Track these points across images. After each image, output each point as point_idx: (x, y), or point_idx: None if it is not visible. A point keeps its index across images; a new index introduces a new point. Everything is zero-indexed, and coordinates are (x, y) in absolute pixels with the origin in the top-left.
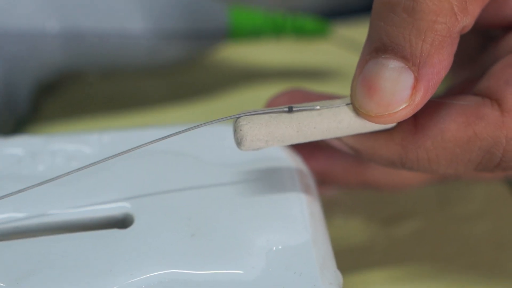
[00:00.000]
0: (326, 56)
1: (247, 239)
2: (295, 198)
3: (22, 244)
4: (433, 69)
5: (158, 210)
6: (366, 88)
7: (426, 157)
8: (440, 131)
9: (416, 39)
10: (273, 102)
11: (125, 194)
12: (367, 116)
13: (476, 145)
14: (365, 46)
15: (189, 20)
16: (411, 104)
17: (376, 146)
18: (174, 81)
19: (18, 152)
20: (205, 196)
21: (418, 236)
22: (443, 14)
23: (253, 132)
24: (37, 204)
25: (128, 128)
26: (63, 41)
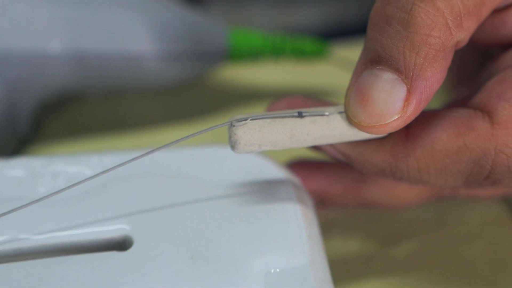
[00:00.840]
0: (325, 77)
1: (246, 262)
2: (293, 221)
3: (20, 267)
4: (426, 82)
5: (157, 233)
6: (359, 98)
7: (416, 166)
8: (430, 140)
9: (410, 52)
10: (273, 107)
11: (124, 216)
12: (359, 126)
13: (466, 156)
14: (361, 56)
15: (190, 42)
16: (403, 116)
17: (367, 153)
18: (174, 102)
19: (19, 173)
20: (204, 218)
21: (416, 256)
22: (437, 28)
23: (247, 137)
24: (35, 225)
25: (128, 150)
26: (66, 62)
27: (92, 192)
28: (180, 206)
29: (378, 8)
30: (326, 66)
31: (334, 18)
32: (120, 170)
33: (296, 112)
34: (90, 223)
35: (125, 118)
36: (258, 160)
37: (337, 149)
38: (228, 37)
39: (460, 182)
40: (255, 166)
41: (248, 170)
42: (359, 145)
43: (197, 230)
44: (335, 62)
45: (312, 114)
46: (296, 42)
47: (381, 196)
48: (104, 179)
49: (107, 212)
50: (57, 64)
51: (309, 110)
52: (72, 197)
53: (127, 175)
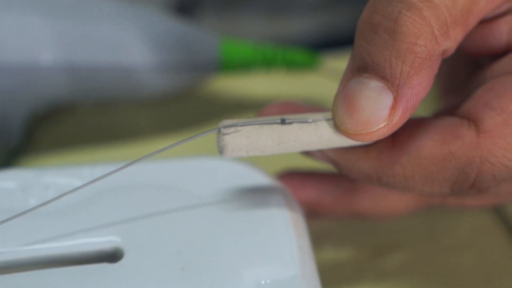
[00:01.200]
0: (316, 88)
1: (236, 273)
2: (284, 231)
3: (9, 279)
4: (412, 91)
5: (148, 244)
6: (346, 105)
7: (401, 173)
8: (416, 147)
9: (396, 60)
10: (264, 112)
11: (115, 228)
12: (346, 133)
13: (451, 164)
14: (349, 64)
15: (181, 53)
16: (389, 124)
17: (354, 159)
18: (165, 113)
19: (10, 185)
20: (194, 229)
21: (406, 267)
22: (423, 37)
23: (234, 143)
24: (25, 237)
25: (119, 162)
26: (58, 74)
27: (83, 204)
28: (170, 217)
29: (365, 16)
30: (316, 77)
31: (326, 29)
32: (110, 182)
33: (279, 118)
34: (81, 234)
35: (116, 129)
36: (248, 170)
37: (325, 154)
38: (219, 48)
39: (446, 189)
40: (245, 177)
41: (238, 181)
42: (346, 151)
43: (188, 241)
44: (325, 73)
45: (296, 121)
46: (287, 53)
47: (371, 206)
48: (94, 190)
49: (98, 224)
50: (48, 75)
51: (293, 117)
52: (62, 209)
53: (117, 187)
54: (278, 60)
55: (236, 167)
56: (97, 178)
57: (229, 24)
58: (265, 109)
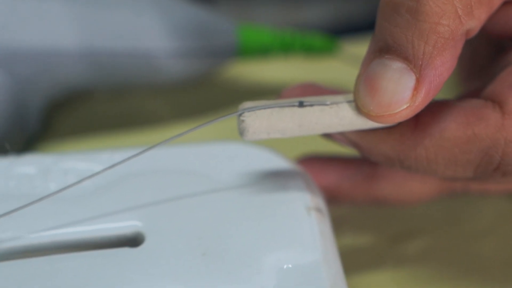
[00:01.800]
0: (334, 73)
1: (258, 258)
2: (305, 216)
3: (31, 263)
4: (435, 71)
5: (169, 229)
6: (368, 87)
7: (424, 155)
8: (439, 129)
9: (419, 40)
10: (286, 94)
11: (136, 212)
12: (368, 115)
13: (475, 146)
14: (370, 45)
15: (199, 39)
16: (412, 105)
17: (375, 141)
18: (183, 99)
19: (30, 170)
20: (215, 214)
21: (427, 253)
22: (446, 16)
23: (255, 125)
24: (47, 222)
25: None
26: (77, 60)
27: (103, 189)
28: (191, 202)
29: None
30: (335, 62)
31: (342, 15)
32: (131, 166)
33: (298, 101)
34: (102, 219)
35: (134, 115)
36: (268, 155)
37: (346, 136)
38: (237, 33)
39: (469, 173)
40: (265, 162)
41: (259, 166)
42: (368, 133)
43: (209, 226)
44: (344, 58)
45: (316, 103)
46: (305, 38)
47: (392, 191)
48: (115, 175)
49: (119, 208)
50: (67, 61)
51: (313, 99)
52: (83, 194)
53: (137, 171)
54: (296, 46)
55: (256, 152)
56: (117, 163)
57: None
58: (287, 91)
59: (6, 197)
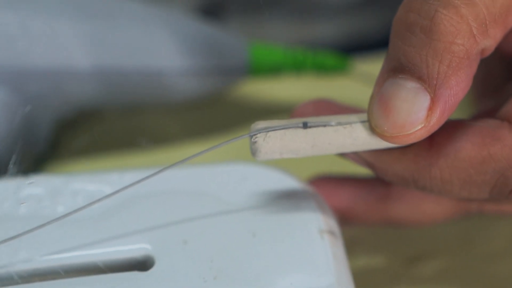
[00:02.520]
0: (346, 92)
1: (270, 282)
2: (318, 239)
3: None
4: (450, 91)
5: (179, 252)
6: (382, 107)
7: (439, 175)
8: (454, 149)
9: (433, 60)
10: (299, 111)
11: (146, 235)
12: (382, 136)
13: (491, 167)
14: (384, 64)
15: (211, 57)
16: (427, 125)
17: (389, 161)
18: (194, 118)
19: (38, 192)
20: (226, 236)
21: (442, 275)
22: (461, 35)
23: (268, 145)
24: (55, 245)
25: (148, 168)
26: (86, 78)
27: (113, 211)
28: (202, 225)
29: (401, 15)
30: (347, 81)
31: (354, 32)
32: (141, 188)
33: (306, 122)
34: (111, 242)
35: (144, 134)
36: (280, 176)
37: (360, 156)
38: (249, 52)
39: (484, 194)
40: (277, 183)
41: (270, 187)
42: (382, 153)
43: (220, 249)
44: (356, 77)
45: (321, 124)
46: (317, 56)
47: (407, 212)
48: (124, 197)
49: (128, 231)
50: (77, 80)
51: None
52: (92, 216)
53: (147, 193)
54: (308, 64)
55: (268, 173)
56: (128, 185)
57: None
58: (299, 108)
59: (15, 219)
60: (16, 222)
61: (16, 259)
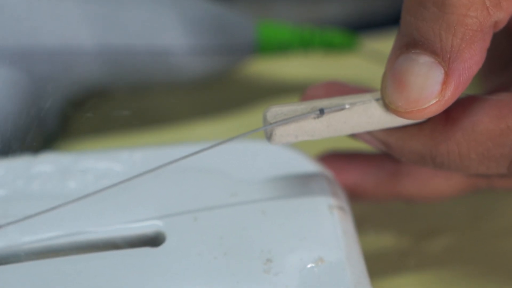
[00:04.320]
0: (355, 69)
1: (280, 258)
2: (328, 215)
3: (53, 264)
4: (464, 64)
5: (190, 228)
6: (396, 83)
7: (456, 150)
8: (471, 123)
9: (446, 33)
10: (310, 93)
11: (157, 212)
12: (396, 112)
13: (509, 139)
14: (396, 41)
15: (218, 36)
16: (441, 99)
17: (406, 138)
18: (202, 97)
19: (48, 169)
20: (236, 213)
21: (451, 251)
22: (474, 8)
23: (283, 127)
24: (68, 223)
25: (158, 145)
26: (94, 58)
27: (124, 188)
28: (212, 202)
29: None
30: (355, 58)
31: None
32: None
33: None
34: (123, 219)
35: (152, 114)
36: (290, 154)
37: (375, 136)
38: (256, 30)
39: (502, 168)
40: (287, 161)
41: (281, 165)
42: (398, 130)
43: (230, 226)
44: (364, 55)
45: (352, 103)
46: (325, 34)
47: (416, 189)
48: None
49: (140, 208)
50: (85, 60)
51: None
52: (103, 194)
53: (158, 171)
54: (316, 42)
55: (278, 150)
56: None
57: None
58: (310, 90)
59: (26, 197)
60: (28, 200)
61: (28, 236)
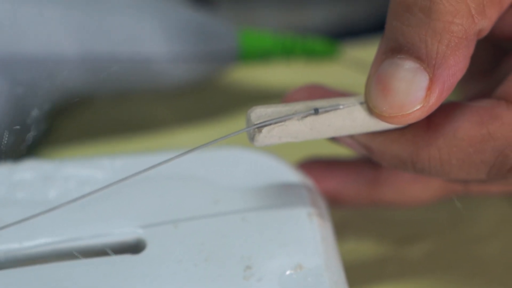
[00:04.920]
0: (336, 77)
1: (260, 264)
2: (307, 222)
3: (34, 271)
4: (448, 71)
5: (170, 235)
6: (380, 88)
7: (438, 156)
8: (453, 129)
9: (432, 39)
10: (291, 96)
11: (138, 219)
12: (380, 116)
13: (490, 145)
14: (381, 45)
15: (200, 43)
16: (425, 105)
17: (387, 142)
18: (185, 104)
19: (30, 177)
20: (217, 221)
21: (430, 257)
22: (460, 15)
23: (266, 128)
24: (49, 230)
25: (140, 153)
26: (77, 65)
27: (105, 196)
28: (193, 209)
29: None
30: (337, 66)
31: (343, 18)
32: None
33: (313, 108)
34: (103, 226)
35: (135, 121)
36: (271, 161)
37: (357, 140)
38: (238, 38)
39: (482, 174)
40: (268, 168)
41: (262, 172)
42: (380, 135)
43: (211, 233)
44: (346, 63)
45: (329, 108)
46: (306, 42)
47: (395, 195)
48: None
49: (120, 215)
50: (67, 67)
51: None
52: (84, 200)
53: (139, 177)
54: (298, 50)
55: (258, 157)
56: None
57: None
58: (292, 93)
59: (7, 204)
60: (9, 207)
61: (9, 244)
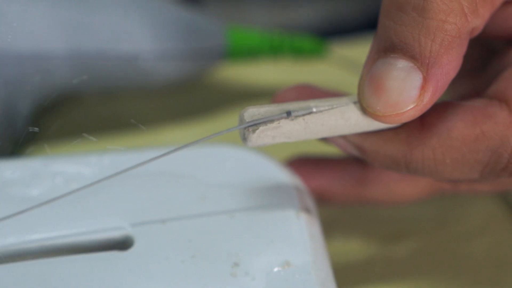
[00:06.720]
0: (324, 76)
1: (247, 261)
2: (295, 220)
3: (21, 267)
4: (442, 70)
5: (158, 232)
6: (373, 87)
7: (431, 156)
8: (446, 129)
9: (426, 38)
10: (280, 96)
11: (125, 215)
12: (374, 116)
13: (483, 145)
14: (373, 45)
15: (187, 41)
16: (419, 104)
17: (380, 142)
18: (172, 102)
19: (18, 174)
20: (205, 217)
21: (418, 255)
22: (453, 14)
23: (260, 129)
24: (36, 226)
25: (127, 149)
26: (64, 63)
27: (92, 192)
28: (181, 206)
29: None
30: (325, 65)
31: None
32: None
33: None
34: (91, 222)
35: (123, 118)
36: (259, 159)
37: (350, 140)
38: (226, 36)
39: (476, 174)
40: (256, 166)
41: (250, 170)
42: (372, 135)
43: (198, 230)
44: (334, 61)
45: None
46: (294, 40)
47: (383, 194)
48: None
49: (108, 212)
50: (55, 64)
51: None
52: (72, 197)
53: (127, 174)
54: (286, 48)
55: (247, 155)
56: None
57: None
58: (282, 93)
59: None
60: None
61: None
